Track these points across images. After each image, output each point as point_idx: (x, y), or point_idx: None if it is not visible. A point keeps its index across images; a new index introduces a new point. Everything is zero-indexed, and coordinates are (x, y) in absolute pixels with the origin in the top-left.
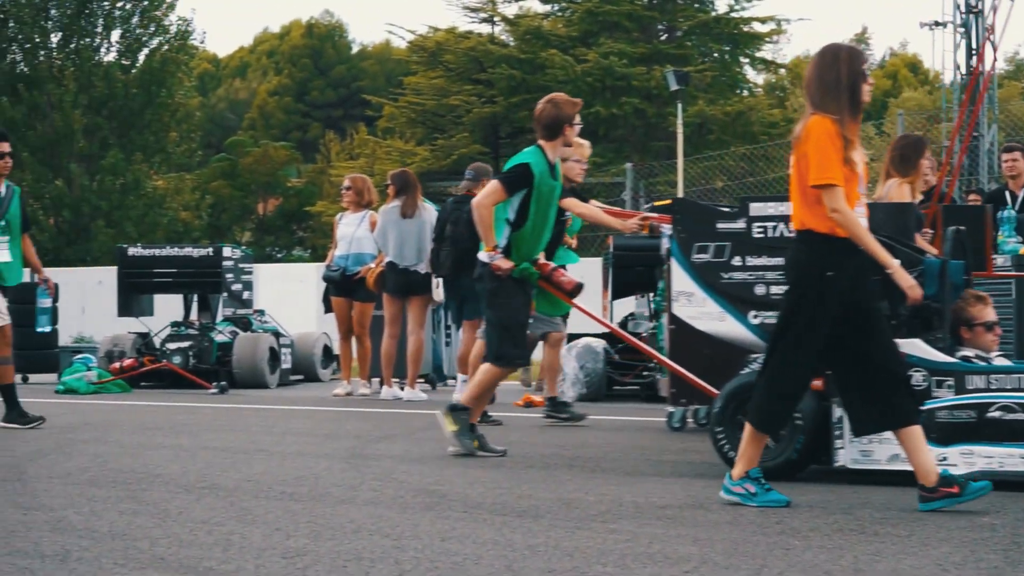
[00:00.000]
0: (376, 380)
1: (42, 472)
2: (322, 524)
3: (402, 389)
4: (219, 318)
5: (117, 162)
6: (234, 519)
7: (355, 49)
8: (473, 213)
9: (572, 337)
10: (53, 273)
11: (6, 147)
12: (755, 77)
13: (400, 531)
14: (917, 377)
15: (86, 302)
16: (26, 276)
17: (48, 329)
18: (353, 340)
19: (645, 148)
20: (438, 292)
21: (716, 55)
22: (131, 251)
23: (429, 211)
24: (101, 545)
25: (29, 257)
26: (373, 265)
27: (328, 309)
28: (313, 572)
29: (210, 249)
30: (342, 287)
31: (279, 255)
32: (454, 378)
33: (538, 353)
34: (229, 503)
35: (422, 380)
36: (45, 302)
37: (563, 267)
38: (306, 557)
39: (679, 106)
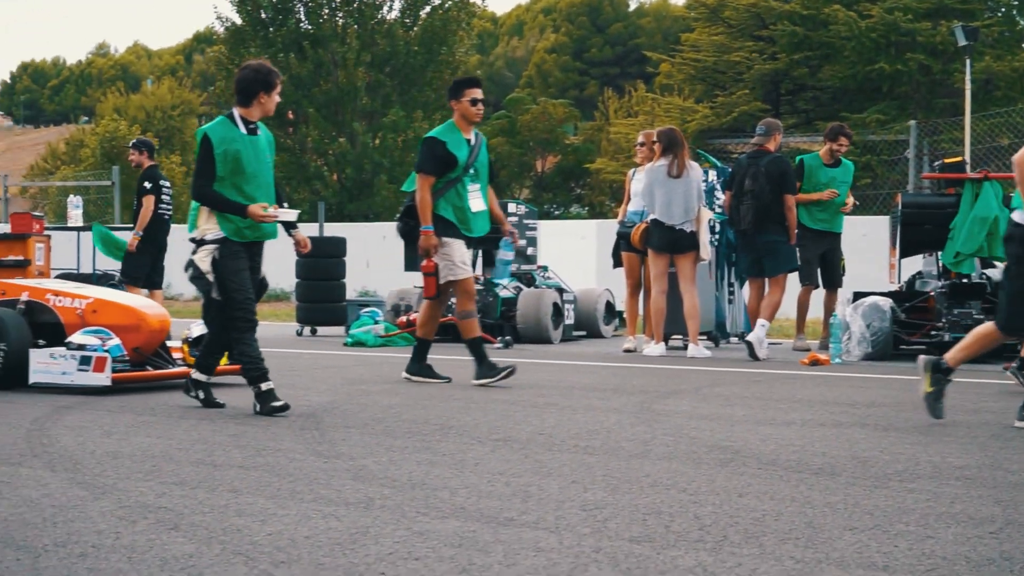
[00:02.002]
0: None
1: (338, 422)
2: (618, 478)
3: (685, 347)
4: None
5: (398, 119)
6: (530, 471)
7: (632, 6)
8: (1015, 170)
9: (859, 295)
10: (338, 228)
11: (478, 93)
12: None
13: (696, 486)
14: None
15: (370, 257)
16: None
17: (506, 280)
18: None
19: (929, 105)
20: (705, 250)
21: (1003, 9)
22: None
23: (696, 170)
24: (402, 494)
25: (493, 208)
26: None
27: (618, 264)
28: (613, 524)
29: None
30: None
31: (557, 212)
32: (737, 335)
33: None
34: (524, 455)
35: (705, 337)
36: (507, 254)
37: None
38: (605, 510)
39: (967, 62)
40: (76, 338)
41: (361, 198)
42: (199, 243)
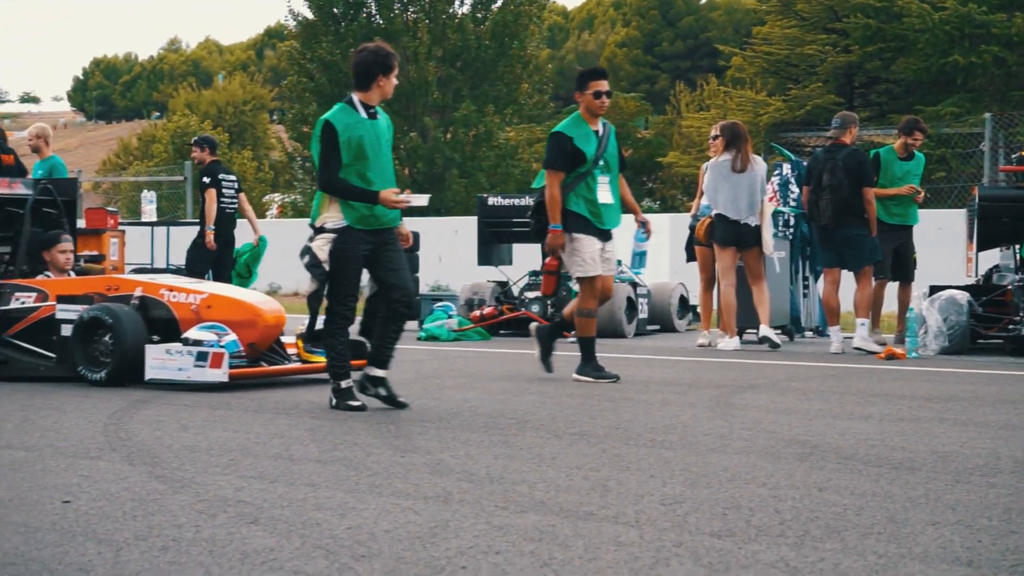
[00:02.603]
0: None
1: (414, 416)
2: (696, 472)
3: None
4: None
5: (470, 114)
6: (608, 465)
7: (703, 0)
8: None
9: (935, 289)
10: (409, 223)
11: (603, 85)
12: None
13: (775, 481)
14: None
15: (443, 251)
16: None
17: (641, 271)
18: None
19: (1005, 98)
20: (768, 244)
21: None
22: (491, 201)
23: (760, 163)
24: (480, 488)
25: (626, 198)
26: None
27: (691, 258)
28: (693, 519)
29: None
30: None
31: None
32: (812, 329)
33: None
34: (601, 449)
35: (780, 331)
36: (641, 245)
37: None
38: (684, 504)
39: None
40: (192, 334)
41: (432, 192)
42: (318, 231)
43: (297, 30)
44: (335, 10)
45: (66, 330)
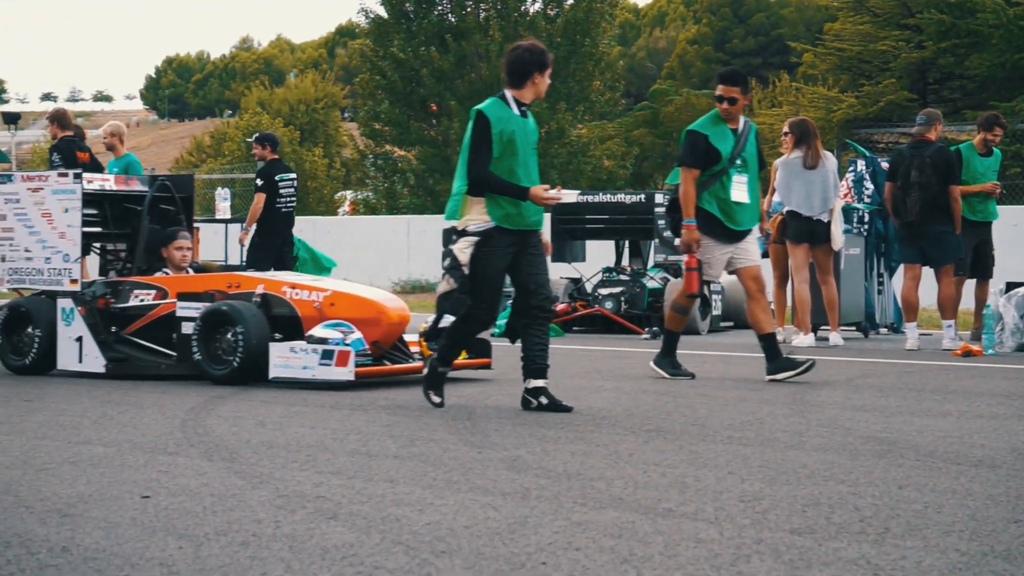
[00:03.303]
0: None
1: (490, 412)
2: (774, 469)
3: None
4: (650, 264)
5: (541, 110)
6: (685, 462)
7: None
8: None
9: (1012, 286)
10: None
11: (726, 90)
12: None
13: (854, 478)
14: None
15: None
16: None
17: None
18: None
19: None
20: (837, 240)
21: None
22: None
23: (831, 159)
24: (558, 484)
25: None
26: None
27: (763, 255)
28: (773, 516)
29: (642, 196)
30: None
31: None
32: (887, 326)
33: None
34: (678, 446)
35: (854, 328)
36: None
37: None
38: (763, 501)
39: None
40: (317, 331)
41: None
42: (460, 233)
43: (369, 28)
44: (407, 7)
45: (187, 328)
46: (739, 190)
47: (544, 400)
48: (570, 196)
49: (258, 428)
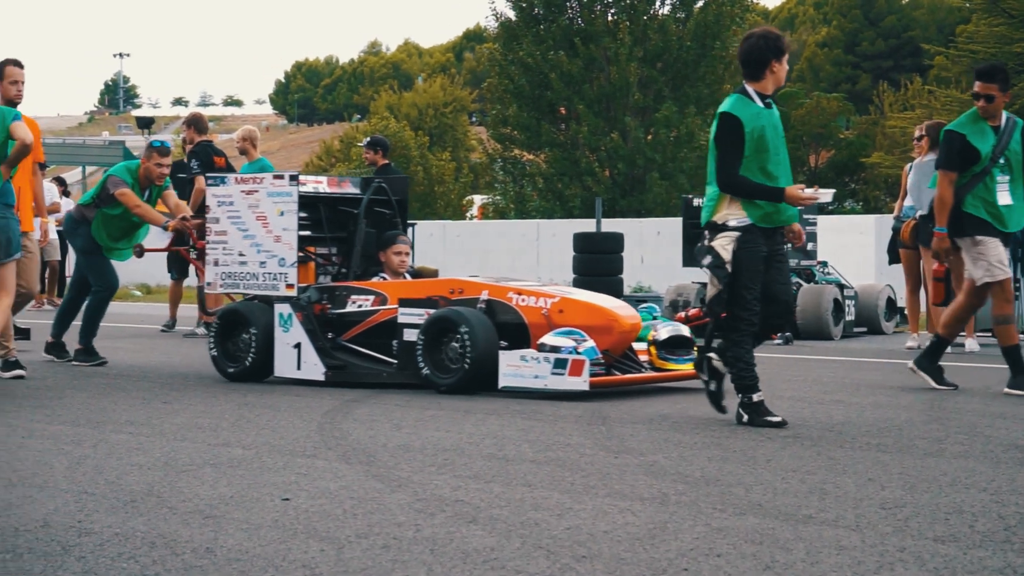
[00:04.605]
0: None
1: (624, 417)
2: (915, 476)
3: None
4: None
5: (671, 115)
6: (824, 468)
7: None
8: None
9: None
10: (611, 224)
11: (983, 87)
12: None
13: (996, 486)
14: None
15: (645, 252)
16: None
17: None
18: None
19: None
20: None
21: None
22: (696, 202)
23: None
24: (696, 490)
25: None
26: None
27: (894, 260)
28: (915, 523)
29: None
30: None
31: (831, 207)
32: (1022, 331)
33: None
34: (816, 452)
35: (990, 334)
36: None
37: None
38: (905, 508)
39: None
40: (548, 339)
41: (633, 194)
42: (718, 228)
43: (498, 31)
44: (536, 11)
45: (409, 335)
46: (1003, 192)
47: (713, 386)
48: (826, 195)
49: (394, 431)
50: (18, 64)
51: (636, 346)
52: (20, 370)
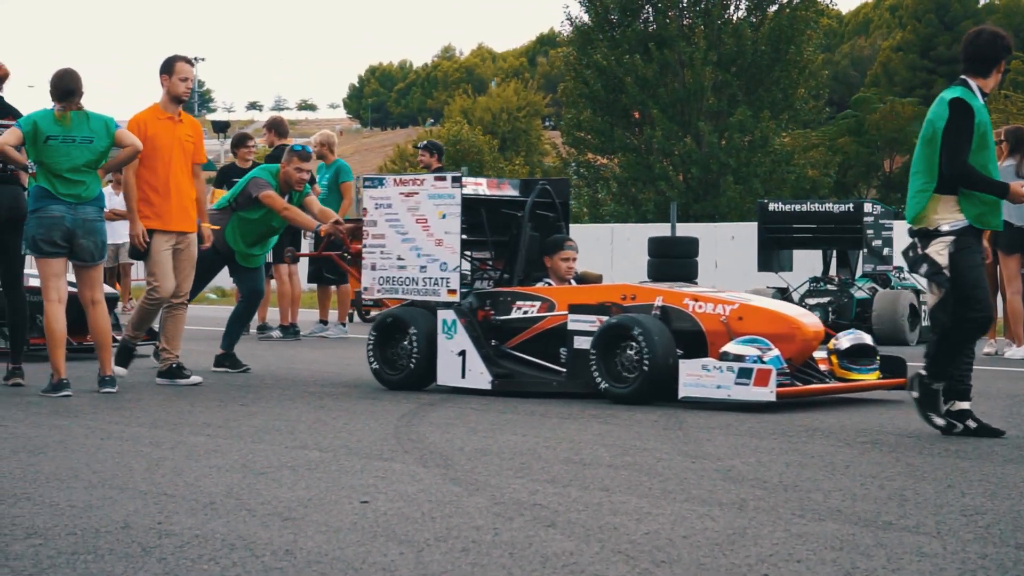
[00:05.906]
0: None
1: (701, 422)
2: (995, 482)
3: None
4: (858, 274)
5: (745, 119)
6: (903, 474)
7: (981, 2)
8: None
9: None
10: (685, 228)
11: None
12: None
13: None
14: None
15: (719, 257)
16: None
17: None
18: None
19: None
20: None
21: None
22: (771, 207)
23: None
24: (775, 495)
25: None
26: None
27: None
28: (996, 531)
29: (850, 205)
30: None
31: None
32: None
33: None
34: (895, 458)
35: None
36: None
37: None
38: (986, 515)
39: None
40: (732, 348)
41: (707, 198)
42: (931, 235)
43: (572, 36)
44: (611, 16)
45: (580, 342)
46: None
47: (972, 424)
48: None
49: (470, 435)
50: (189, 61)
51: (816, 355)
52: (195, 377)
